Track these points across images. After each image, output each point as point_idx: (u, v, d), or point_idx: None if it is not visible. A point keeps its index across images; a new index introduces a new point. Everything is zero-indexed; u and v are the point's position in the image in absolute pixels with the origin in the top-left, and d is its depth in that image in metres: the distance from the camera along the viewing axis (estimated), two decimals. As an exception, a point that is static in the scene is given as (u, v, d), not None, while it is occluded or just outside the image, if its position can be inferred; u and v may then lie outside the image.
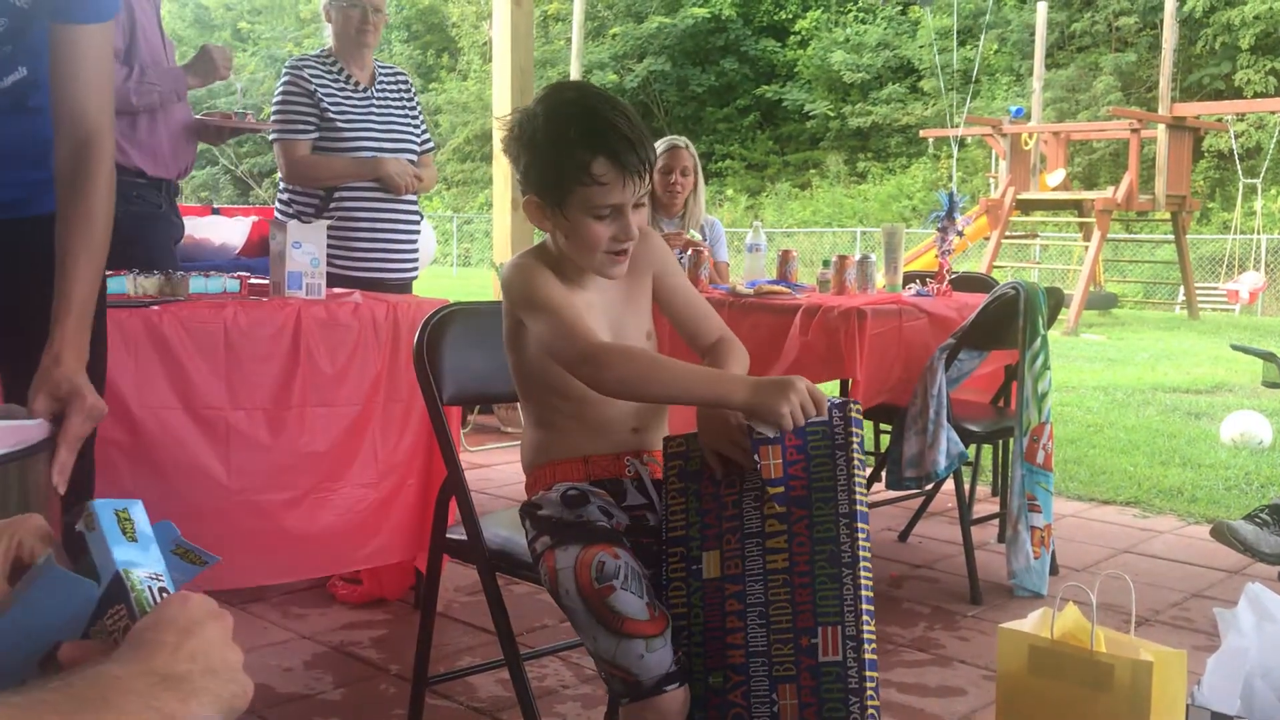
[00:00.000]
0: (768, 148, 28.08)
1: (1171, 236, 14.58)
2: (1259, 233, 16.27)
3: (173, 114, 3.29)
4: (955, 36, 21.22)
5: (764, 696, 1.49)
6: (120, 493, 2.26)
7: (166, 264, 3.02)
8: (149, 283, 2.58)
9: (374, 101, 3.49)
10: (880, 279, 3.78)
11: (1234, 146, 16.71)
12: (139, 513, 0.88)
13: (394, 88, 3.57)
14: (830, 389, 3.27)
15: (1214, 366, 8.73)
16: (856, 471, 1.53)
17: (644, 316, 1.79)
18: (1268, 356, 3.48)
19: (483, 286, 15.23)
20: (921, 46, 23.89)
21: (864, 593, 1.48)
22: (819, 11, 27.70)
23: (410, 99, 3.62)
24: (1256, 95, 20.51)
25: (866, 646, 1.45)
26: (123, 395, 2.33)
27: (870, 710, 1.43)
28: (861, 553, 1.49)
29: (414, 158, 3.56)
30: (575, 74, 20.05)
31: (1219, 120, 17.07)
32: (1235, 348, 3.77)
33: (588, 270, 1.68)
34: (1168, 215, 13.87)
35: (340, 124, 3.41)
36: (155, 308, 2.44)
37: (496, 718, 2.33)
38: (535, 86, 6.98)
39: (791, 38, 28.09)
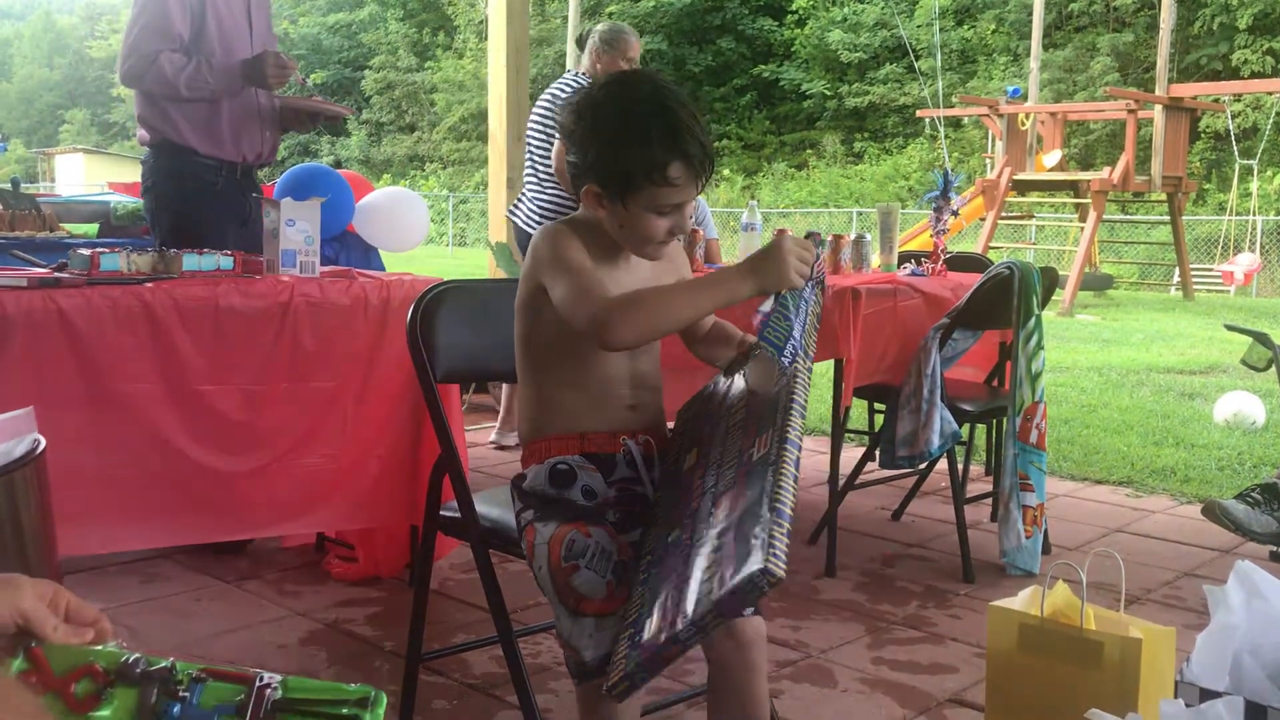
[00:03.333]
0: (764, 127, 28.00)
1: (1167, 217, 14.57)
2: (1254, 214, 16.28)
3: (242, 97, 3.30)
4: (929, 18, 21.12)
5: (706, 517, 1.50)
6: (79, 468, 2.30)
7: (214, 241, 3.05)
8: (142, 260, 2.57)
9: None
10: (876, 259, 3.78)
11: (1230, 127, 16.69)
12: None
13: None
14: (825, 370, 3.27)
15: (1208, 347, 8.75)
16: (813, 322, 1.66)
17: None
18: (1261, 337, 3.47)
19: (478, 266, 15.19)
20: (919, 26, 23.79)
21: (797, 399, 1.52)
22: (816, -10, 27.59)
23: None
24: (1254, 75, 20.47)
25: (792, 432, 1.47)
26: (102, 368, 2.35)
27: (786, 475, 1.40)
28: (800, 381, 1.55)
29: None
30: (571, 53, 19.95)
31: (1216, 101, 17.03)
32: (1229, 328, 3.77)
33: (628, 250, 1.72)
34: (1164, 196, 13.86)
35: None
36: (149, 285, 2.44)
37: (490, 694, 2.34)
38: (531, 65, 6.96)
39: (789, 17, 27.97)
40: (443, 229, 27.07)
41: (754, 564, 1.29)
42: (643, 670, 1.41)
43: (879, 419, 3.31)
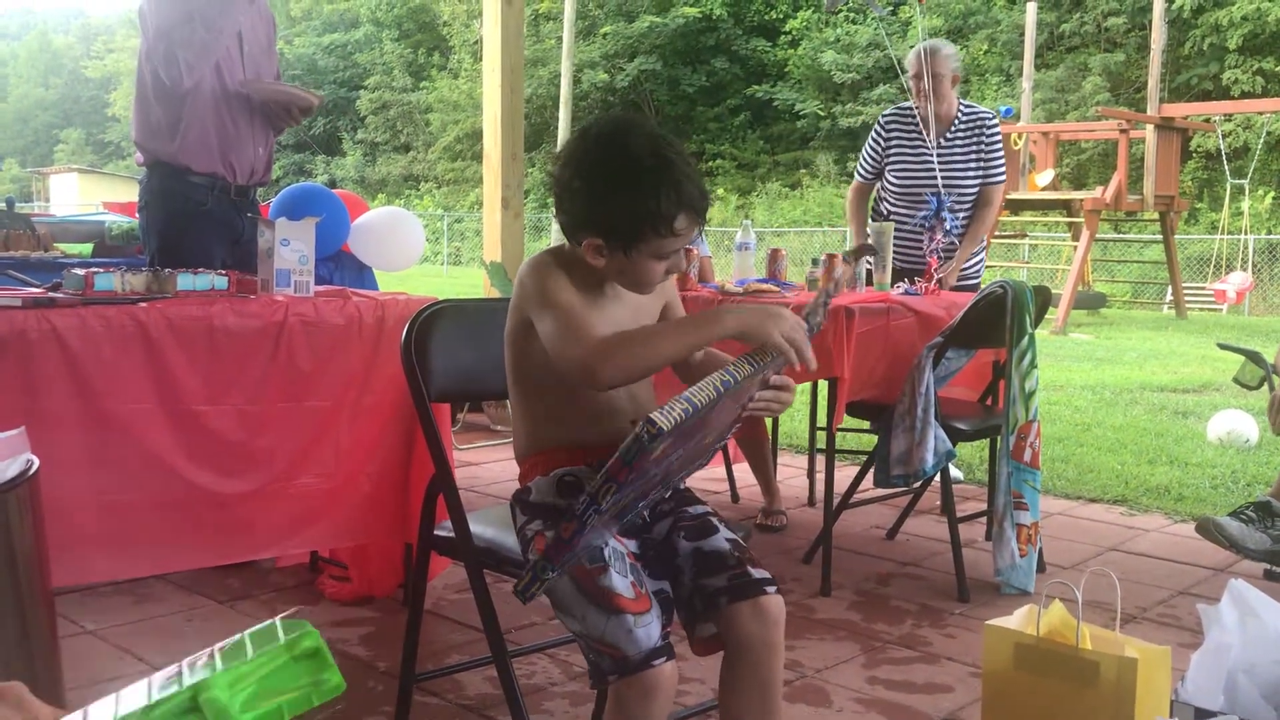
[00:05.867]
0: (758, 147, 28.10)
1: (1159, 237, 14.62)
2: (1246, 233, 16.33)
3: (230, 113, 3.32)
4: (915, 37, 21.20)
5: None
6: (73, 489, 2.29)
7: (201, 260, 3.07)
8: (136, 279, 2.57)
9: (941, 144, 4.22)
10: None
11: (1221, 147, 16.76)
12: None
13: (967, 130, 4.22)
14: (820, 388, 3.28)
15: (1201, 366, 8.77)
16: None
17: None
18: (1253, 355, 3.49)
19: (473, 285, 15.20)
20: (912, 47, 23.89)
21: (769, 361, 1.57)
22: (809, 11, 27.72)
23: (988, 137, 4.21)
24: (1244, 95, 20.58)
25: (732, 368, 1.48)
26: (96, 388, 2.35)
27: (708, 382, 1.41)
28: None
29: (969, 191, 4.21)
30: (566, 73, 20.03)
31: (1207, 121, 17.12)
32: (1222, 346, 3.78)
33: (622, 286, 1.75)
34: (1156, 215, 13.91)
35: (897, 165, 4.29)
36: (143, 304, 2.44)
37: (484, 715, 2.33)
38: (526, 85, 6.98)
39: (782, 38, 28.10)
40: (437, 248, 27.09)
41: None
42: (545, 561, 1.40)
43: (871, 438, 3.31)
